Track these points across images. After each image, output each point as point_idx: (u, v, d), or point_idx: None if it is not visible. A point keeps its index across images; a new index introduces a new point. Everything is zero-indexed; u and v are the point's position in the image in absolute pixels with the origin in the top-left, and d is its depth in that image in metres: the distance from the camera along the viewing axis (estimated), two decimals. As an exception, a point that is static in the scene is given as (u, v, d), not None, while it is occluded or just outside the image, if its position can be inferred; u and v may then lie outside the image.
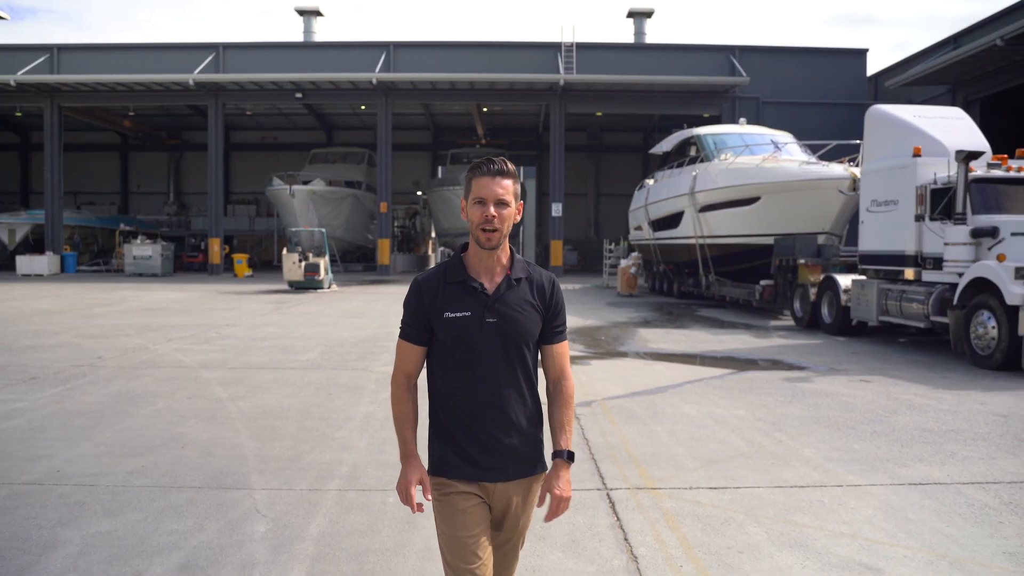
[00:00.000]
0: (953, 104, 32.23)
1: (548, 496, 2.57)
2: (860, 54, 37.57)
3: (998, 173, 11.44)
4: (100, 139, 47.65)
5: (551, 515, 2.58)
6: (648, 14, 38.96)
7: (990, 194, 11.31)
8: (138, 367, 9.85)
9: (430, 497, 2.57)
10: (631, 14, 39.11)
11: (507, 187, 2.52)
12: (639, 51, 37.83)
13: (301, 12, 39.03)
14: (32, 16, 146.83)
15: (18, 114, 42.89)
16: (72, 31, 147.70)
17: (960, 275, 10.99)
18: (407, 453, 2.60)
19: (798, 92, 36.01)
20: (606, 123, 44.79)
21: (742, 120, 24.25)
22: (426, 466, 2.60)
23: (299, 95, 34.44)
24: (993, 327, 10.27)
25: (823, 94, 36.25)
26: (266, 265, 41.75)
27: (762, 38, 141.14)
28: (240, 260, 33.02)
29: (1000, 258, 10.31)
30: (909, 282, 12.39)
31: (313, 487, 5.10)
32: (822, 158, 19.92)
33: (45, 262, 33.34)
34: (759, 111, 35.16)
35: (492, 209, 2.49)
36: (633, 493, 5.02)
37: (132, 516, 4.54)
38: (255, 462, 5.67)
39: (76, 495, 4.90)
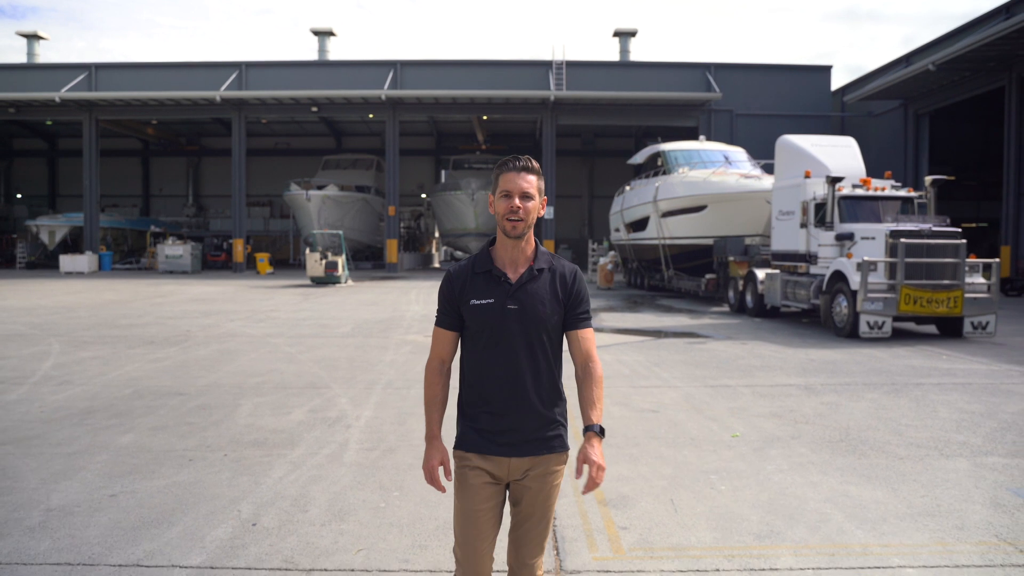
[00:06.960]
0: (905, 116, 36.02)
1: (585, 467, 2.66)
2: (825, 70, 41.21)
3: (859, 192, 15.16)
4: (123, 145, 51.16)
5: (589, 485, 2.67)
6: (632, 33, 42.60)
7: (854, 208, 15.03)
8: (221, 336, 13.59)
9: (451, 478, 2.81)
10: (617, 34, 42.79)
11: (531, 182, 2.72)
12: (624, 68, 41.43)
13: (316, 32, 42.81)
14: (34, 14, 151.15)
15: (48, 123, 46.62)
16: (76, 31, 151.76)
17: (827, 268, 14.71)
18: (431, 435, 2.82)
19: (768, 105, 39.65)
20: (599, 130, 48.29)
21: (702, 137, 28.08)
22: (453, 441, 2.80)
23: (315, 109, 38.12)
24: (846, 306, 13.99)
25: (791, 107, 39.89)
26: (281, 264, 45.36)
27: (742, 51, 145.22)
28: (263, 259, 36.75)
29: (848, 256, 14.05)
30: (801, 274, 16.10)
31: (367, 387, 8.86)
32: (768, 171, 23.56)
33: (85, 261, 37.07)
34: (733, 123, 38.96)
35: (517, 200, 2.69)
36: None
37: (272, 397, 8.30)
38: (329, 379, 9.41)
39: (233, 391, 8.65)
